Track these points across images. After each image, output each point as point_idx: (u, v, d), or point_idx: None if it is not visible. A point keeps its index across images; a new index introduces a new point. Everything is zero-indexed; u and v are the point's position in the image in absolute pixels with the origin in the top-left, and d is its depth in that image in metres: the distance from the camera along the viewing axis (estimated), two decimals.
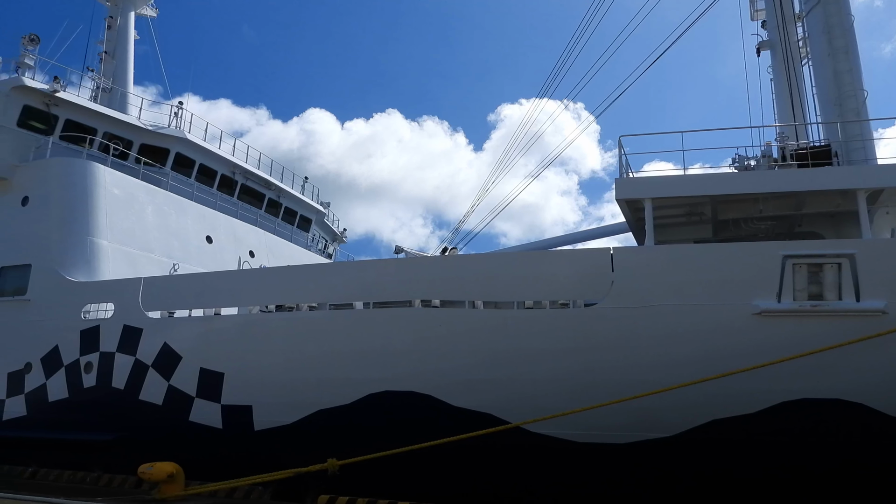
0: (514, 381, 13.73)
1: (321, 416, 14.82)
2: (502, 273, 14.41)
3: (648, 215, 13.75)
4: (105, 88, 26.50)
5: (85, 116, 22.46)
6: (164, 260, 21.26)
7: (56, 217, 20.09)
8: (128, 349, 17.15)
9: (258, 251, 25.47)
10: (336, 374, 14.81)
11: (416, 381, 14.24)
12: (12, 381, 18.93)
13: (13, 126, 21.35)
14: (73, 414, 17.71)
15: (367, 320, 15.01)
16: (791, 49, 17.90)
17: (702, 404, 12.63)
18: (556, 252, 16.34)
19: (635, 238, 16.21)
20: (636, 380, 12.80)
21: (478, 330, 14.15)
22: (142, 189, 22.04)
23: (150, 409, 16.54)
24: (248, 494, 13.86)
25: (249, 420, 15.47)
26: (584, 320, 13.64)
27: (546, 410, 12.92)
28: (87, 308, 18.36)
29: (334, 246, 34.24)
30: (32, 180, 20.94)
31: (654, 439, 13.17)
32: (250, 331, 16.28)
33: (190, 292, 17.43)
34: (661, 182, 14.06)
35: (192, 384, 16.12)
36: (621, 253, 13.79)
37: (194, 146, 24.71)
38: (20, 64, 22.46)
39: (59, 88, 21.79)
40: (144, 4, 29.88)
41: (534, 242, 19.05)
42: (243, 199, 26.82)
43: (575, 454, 13.43)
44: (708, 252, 13.45)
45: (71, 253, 19.49)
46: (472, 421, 13.48)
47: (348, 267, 19.28)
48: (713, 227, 15.39)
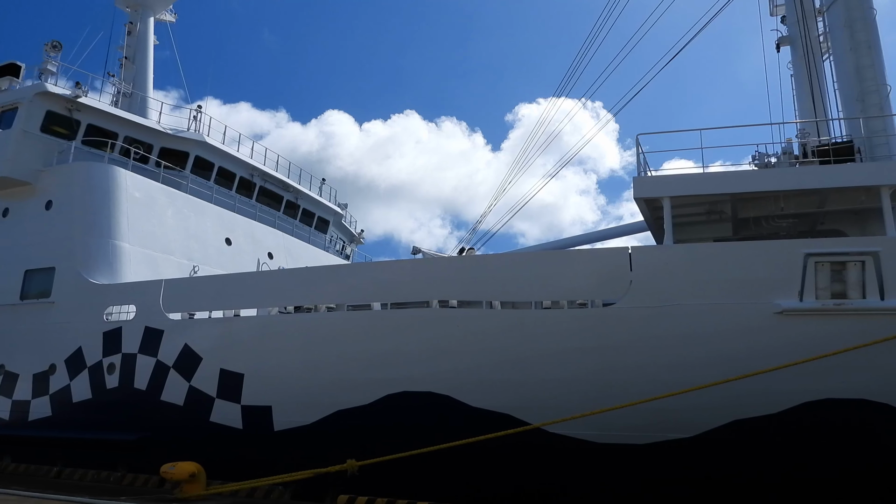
0: (532, 381, 13.68)
1: (340, 416, 14.89)
2: (519, 273, 14.37)
3: (667, 214, 13.63)
4: (125, 93, 26.84)
5: (106, 121, 22.79)
6: (184, 262, 21.50)
7: (79, 220, 20.40)
8: (149, 350, 17.37)
9: (277, 253, 25.65)
10: (354, 375, 14.87)
11: (434, 382, 14.24)
12: (38, 383, 19.25)
13: (37, 131, 21.71)
14: (96, 414, 17.98)
15: (384, 321, 15.05)
16: (811, 44, 17.63)
17: (723, 404, 12.49)
18: (574, 252, 16.26)
19: (654, 237, 16.08)
20: (655, 380, 12.70)
21: (495, 330, 14.12)
22: (162, 192, 22.31)
23: (172, 410, 16.73)
24: (268, 494, 13.96)
25: (269, 420, 15.58)
26: (602, 320, 13.56)
27: (564, 411, 12.86)
28: (109, 310, 18.62)
29: (352, 247, 34.37)
30: (56, 185, 21.28)
31: (675, 440, 13.05)
32: (269, 332, 16.40)
33: (210, 294, 17.60)
34: (680, 180, 13.92)
35: (213, 385, 16.28)
36: (640, 252, 13.69)
37: (213, 149, 24.96)
38: (43, 70, 22.84)
39: (80, 94, 22.13)
40: (164, 10, 30.24)
41: (551, 242, 18.98)
42: (262, 202, 27.03)
43: (594, 455, 13.36)
44: (728, 251, 13.30)
45: (94, 256, 19.78)
46: (491, 421, 13.45)
47: (366, 268, 19.36)
48: (733, 225, 15.22)
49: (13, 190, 21.77)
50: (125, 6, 29.28)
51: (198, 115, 25.77)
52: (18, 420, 19.34)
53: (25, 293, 20.61)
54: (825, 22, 17.91)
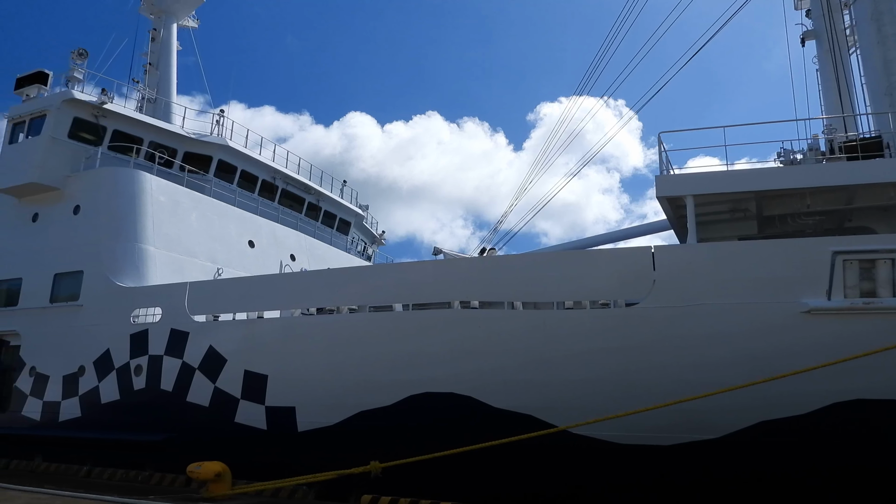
0: (555, 382, 13.62)
1: (363, 417, 14.96)
2: (541, 273, 14.32)
3: (690, 213, 13.49)
4: (150, 99, 27.27)
5: (131, 127, 23.16)
6: (208, 264, 21.77)
7: (106, 225, 20.77)
8: (175, 352, 17.62)
9: (299, 255, 25.86)
10: (376, 376, 14.93)
11: (456, 383, 14.25)
12: (67, 384, 19.63)
13: (64, 138, 22.15)
14: (124, 415, 18.28)
15: (406, 322, 15.09)
16: (838, 38, 17.31)
17: (750, 405, 12.32)
18: (596, 251, 16.16)
19: (677, 236, 15.91)
20: (680, 380, 12.56)
21: (517, 331, 14.08)
22: (186, 196, 22.61)
23: (198, 411, 16.95)
24: (292, 494, 14.06)
25: (293, 421, 15.71)
26: (625, 320, 13.45)
27: (588, 411, 12.77)
28: (136, 312, 18.91)
29: (373, 248, 34.53)
30: (83, 190, 21.69)
31: (701, 441, 12.90)
32: (292, 333, 16.54)
33: (233, 296, 17.80)
34: (704, 178, 13.76)
35: (237, 386, 16.46)
36: (663, 251, 13.56)
37: (236, 153, 25.25)
38: (70, 78, 23.24)
39: (106, 100, 22.52)
40: (186, 16, 30.66)
41: (572, 242, 18.89)
42: (284, 204, 27.27)
43: (618, 456, 13.26)
44: (753, 249, 13.12)
45: (120, 259, 20.12)
46: (513, 422, 13.42)
47: (387, 269, 19.42)
48: (758, 223, 15.00)
49: (42, 195, 22.25)
50: (149, 13, 29.74)
51: (220, 119, 26.09)
52: (49, 421, 19.74)
53: (55, 296, 21.04)
54: (851, 15, 17.60)
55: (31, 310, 21.39)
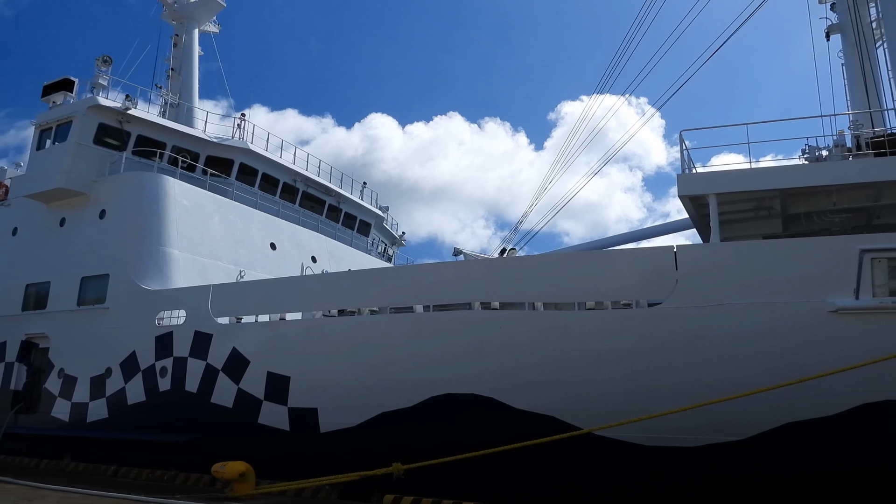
0: (576, 383, 13.55)
1: (384, 418, 15.01)
2: (562, 274, 14.26)
3: (713, 211, 13.33)
4: (173, 104, 27.63)
5: (155, 131, 23.49)
6: (230, 267, 22.00)
7: (131, 228, 21.09)
8: (199, 354, 17.83)
9: (320, 256, 26.02)
10: (398, 377, 14.98)
11: (478, 384, 14.24)
12: (95, 386, 19.97)
13: (90, 143, 22.52)
14: (150, 416, 18.54)
15: (427, 323, 15.12)
16: (863, 31, 16.99)
17: (776, 407, 12.13)
18: (617, 251, 16.05)
19: (700, 235, 15.74)
20: (704, 381, 12.43)
21: (538, 332, 14.03)
22: (209, 199, 22.88)
23: (222, 412, 17.14)
24: (315, 493, 14.17)
25: (315, 422, 15.82)
26: (647, 321, 13.34)
27: (610, 412, 12.69)
28: (160, 315, 19.18)
29: (394, 249, 34.63)
30: (108, 194, 22.05)
31: (725, 442, 12.74)
32: (314, 335, 16.65)
33: (256, 298, 17.96)
34: (727, 177, 13.58)
35: (260, 387, 16.62)
36: (685, 251, 13.42)
37: (257, 156, 25.48)
38: (95, 84, 23.63)
39: (130, 106, 22.86)
40: (208, 21, 31.00)
41: (593, 241, 18.77)
42: (305, 206, 27.47)
43: (642, 457, 13.14)
44: (778, 248, 12.94)
45: (145, 262, 20.42)
46: (535, 423, 13.38)
47: (408, 271, 19.46)
48: (783, 221, 14.77)
49: (69, 200, 22.66)
50: (171, 19, 30.14)
51: (242, 123, 26.36)
52: (77, 421, 20.10)
53: (82, 299, 21.41)
54: (878, 7, 17.26)
55: (59, 313, 21.80)
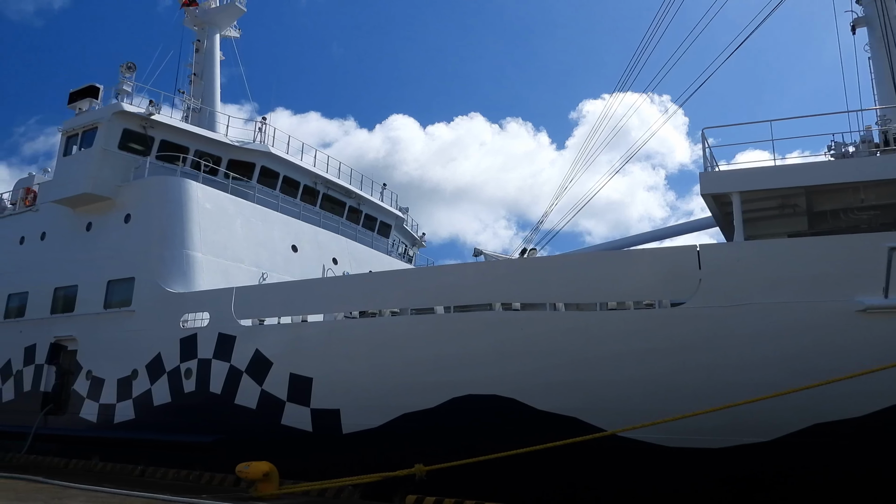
0: (599, 383, 13.47)
1: (407, 419, 15.05)
2: (583, 274, 14.18)
3: (737, 210, 13.16)
4: (195, 109, 27.97)
5: (178, 136, 23.81)
6: (253, 269, 22.21)
7: (155, 232, 21.40)
8: (223, 356, 18.04)
9: (341, 258, 26.17)
10: (419, 378, 15.01)
11: (499, 385, 14.21)
12: (121, 387, 20.30)
13: (115, 149, 22.90)
14: (175, 417, 18.80)
15: (448, 324, 15.13)
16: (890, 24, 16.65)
17: (803, 407, 11.94)
18: (639, 251, 15.92)
19: (723, 234, 15.55)
20: (728, 381, 12.28)
21: (559, 332, 13.98)
22: (231, 202, 23.13)
23: (246, 413, 17.31)
24: (338, 494, 14.24)
25: (338, 423, 15.91)
26: (670, 321, 13.22)
27: (633, 413, 12.58)
28: (185, 317, 19.43)
29: (414, 250, 34.70)
30: (133, 199, 22.40)
31: (751, 444, 12.57)
32: (336, 337, 16.75)
33: (278, 300, 18.12)
34: (750, 174, 13.41)
35: (283, 389, 16.76)
36: (709, 250, 13.27)
37: (278, 159, 25.71)
38: (119, 91, 24.03)
39: (154, 111, 23.20)
40: (228, 26, 31.34)
41: (615, 241, 18.61)
42: (325, 208, 27.65)
43: (665, 458, 13.02)
44: (804, 246, 12.74)
45: (169, 266, 20.70)
46: (557, 424, 13.32)
47: (428, 272, 19.51)
48: (808, 219, 14.53)
49: (95, 205, 23.05)
50: (193, 25, 30.54)
51: (263, 126, 26.61)
52: (105, 422, 20.44)
53: (108, 302, 21.78)
54: None
55: (86, 315, 22.20)
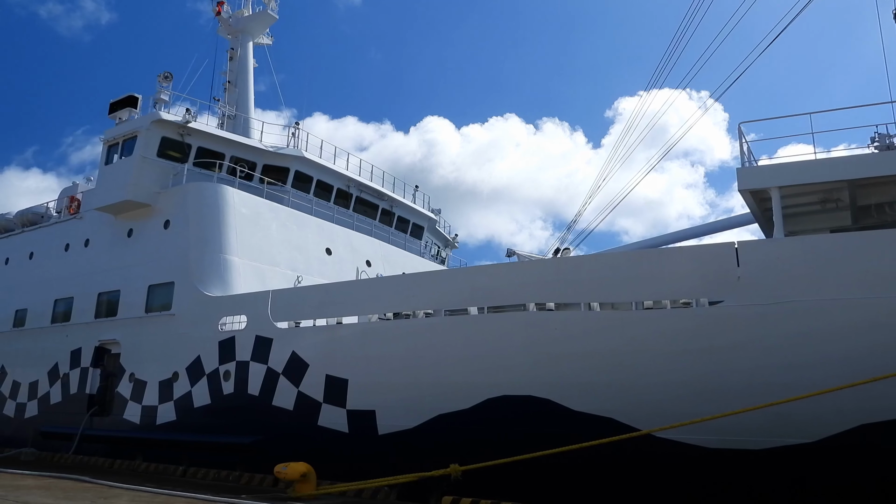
0: (635, 384, 13.28)
1: (442, 420, 15.06)
2: (619, 273, 14.00)
3: (776, 205, 12.83)
4: (230, 115, 28.50)
5: (214, 143, 24.29)
6: (288, 273, 22.51)
7: (193, 237, 21.84)
8: (260, 358, 18.31)
9: (374, 261, 26.35)
10: (454, 379, 15.01)
11: (534, 385, 14.13)
12: (163, 389, 20.77)
13: (154, 156, 23.47)
14: (215, 418, 19.14)
15: (481, 325, 15.10)
16: None
17: (849, 407, 11.59)
18: (676, 248, 15.64)
19: (762, 230, 15.18)
20: (769, 382, 11.98)
21: (594, 332, 13.83)
22: (266, 207, 23.49)
23: (283, 414, 17.54)
24: (374, 494, 14.33)
25: (373, 424, 16.00)
26: (708, 320, 12.97)
27: (671, 415, 12.38)
28: (223, 320, 19.79)
29: (447, 251, 34.74)
30: (172, 205, 22.91)
31: (795, 445, 12.25)
32: (370, 338, 16.85)
33: (313, 303, 18.31)
34: (790, 169, 13.04)
35: (319, 390, 16.93)
36: (747, 247, 12.98)
37: (311, 163, 26.03)
38: (157, 100, 24.62)
39: (190, 119, 23.71)
40: (261, 34, 31.86)
41: (651, 239, 18.29)
42: (358, 211, 27.89)
43: (706, 461, 12.76)
44: (849, 241, 12.35)
45: (207, 270, 21.11)
46: (593, 425, 13.18)
47: (461, 273, 19.50)
48: (852, 214, 14.09)
49: (136, 212, 23.67)
50: (226, 34, 31.13)
51: (296, 131, 26.97)
52: (148, 424, 20.94)
53: (149, 306, 22.32)
54: None
55: (128, 319, 22.78)
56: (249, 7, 31.34)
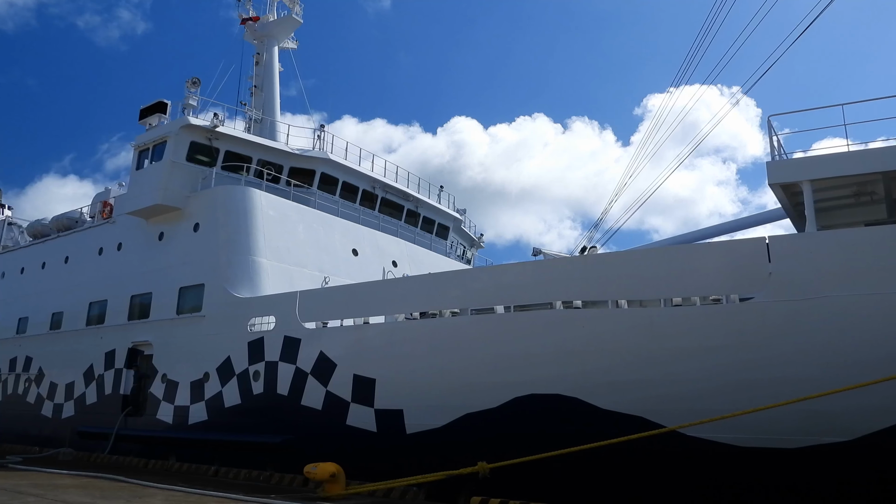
0: (665, 382, 13.12)
1: (469, 419, 15.05)
2: (646, 270, 13.85)
3: (808, 199, 12.56)
4: (256, 119, 28.86)
5: (241, 147, 24.61)
6: (315, 273, 22.71)
7: (222, 240, 22.16)
8: (289, 358, 18.49)
9: (400, 261, 26.44)
10: (481, 378, 14.99)
11: (562, 384, 14.04)
12: (194, 390, 21.10)
13: (183, 161, 23.87)
14: (245, 418, 19.38)
15: (508, 324, 15.05)
16: None
17: (888, 405, 11.30)
18: (705, 244, 15.40)
19: (794, 225, 14.88)
20: (802, 378, 11.74)
21: (623, 330, 13.70)
22: (293, 209, 23.73)
23: (312, 414, 17.69)
24: (403, 494, 14.37)
25: (401, 423, 16.05)
26: (739, 316, 12.75)
27: (702, 413, 12.20)
28: (252, 321, 20.03)
29: (472, 251, 34.72)
30: (201, 208, 23.28)
31: (831, 444, 11.98)
32: (397, 338, 16.92)
33: (340, 303, 18.45)
34: (822, 161, 12.76)
35: (347, 390, 17.04)
36: (779, 241, 12.74)
37: (337, 165, 26.22)
38: (186, 105, 24.99)
39: (218, 124, 24.06)
40: (286, 38, 32.21)
41: (679, 235, 18.06)
42: (384, 212, 28.01)
43: (738, 460, 12.55)
44: (884, 235, 12.04)
45: (236, 272, 21.40)
46: (623, 424, 13.05)
47: (487, 272, 19.46)
48: (888, 207, 13.73)
49: (166, 215, 24.11)
50: (252, 39, 31.54)
51: (321, 134, 27.20)
52: (180, 424, 21.29)
53: (180, 308, 22.70)
54: None
55: (160, 321, 23.20)
56: (274, 12, 31.72)
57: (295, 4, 31.31)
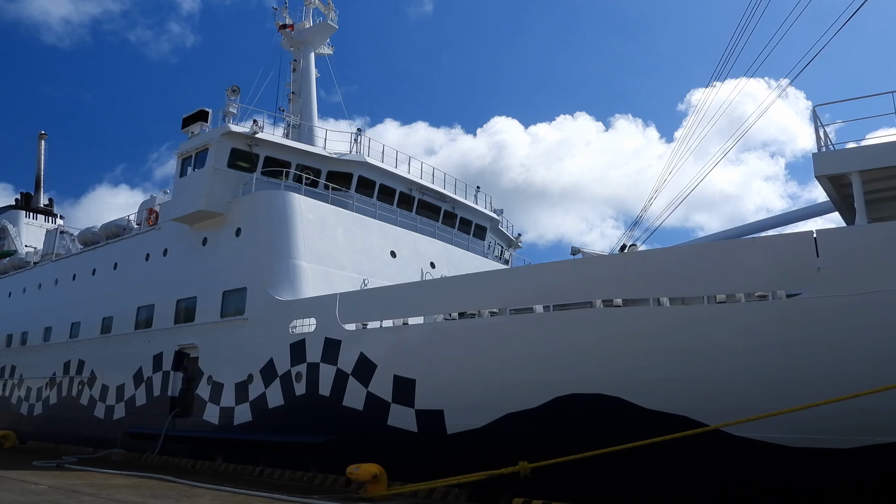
0: (710, 380, 12.85)
1: (510, 419, 14.99)
2: (688, 267, 13.60)
3: (857, 191, 12.15)
4: (294, 125, 29.31)
5: (280, 152, 25.03)
6: (354, 276, 22.95)
7: (264, 244, 22.57)
8: (330, 359, 18.72)
9: (438, 262, 26.51)
10: (521, 378, 14.92)
11: (603, 383, 13.89)
12: (239, 391, 21.52)
13: (224, 167, 24.39)
14: (288, 419, 19.68)
15: (548, 323, 14.95)
16: None
17: None
18: (750, 240, 15.02)
19: (843, 218, 14.41)
20: (853, 377, 11.35)
21: (665, 328, 13.47)
22: (331, 212, 24.03)
23: (353, 414, 17.86)
24: (445, 495, 14.39)
25: (442, 423, 16.08)
26: (786, 313, 12.41)
27: (747, 412, 11.90)
28: (293, 324, 20.34)
29: (510, 252, 34.60)
30: (243, 213, 23.76)
31: (885, 444, 11.55)
32: (436, 338, 16.95)
33: (380, 304, 18.58)
34: (871, 152, 12.32)
35: (388, 390, 17.16)
36: (827, 235, 12.35)
37: (374, 168, 26.44)
38: (226, 113, 25.55)
39: (257, 130, 24.52)
40: (322, 44, 32.62)
41: (723, 231, 17.63)
42: (421, 214, 28.13)
43: (787, 460, 12.21)
44: None
45: (278, 275, 21.76)
46: (667, 424, 12.82)
47: (526, 271, 19.35)
48: None
49: (209, 221, 24.66)
50: (289, 46, 32.05)
51: (358, 137, 27.47)
52: (225, 424, 21.74)
53: (224, 311, 23.19)
54: None
55: (205, 325, 23.74)
56: (310, 19, 32.17)
57: (330, 11, 31.67)
